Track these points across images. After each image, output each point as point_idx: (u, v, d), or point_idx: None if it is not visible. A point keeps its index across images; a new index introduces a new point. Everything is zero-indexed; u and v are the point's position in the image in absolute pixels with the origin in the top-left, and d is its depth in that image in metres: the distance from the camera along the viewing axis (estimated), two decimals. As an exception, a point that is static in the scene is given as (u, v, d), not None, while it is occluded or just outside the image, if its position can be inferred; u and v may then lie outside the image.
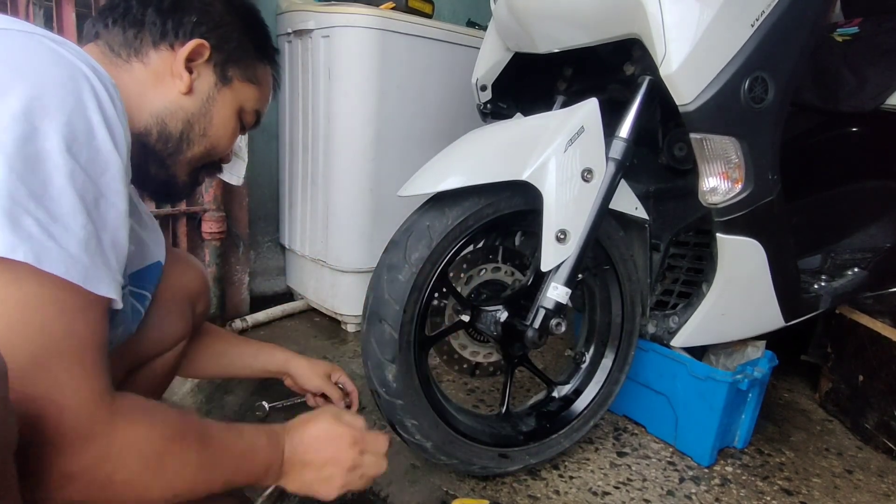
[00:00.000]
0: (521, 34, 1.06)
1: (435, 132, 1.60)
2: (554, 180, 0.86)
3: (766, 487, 1.09)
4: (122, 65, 0.64)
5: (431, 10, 1.61)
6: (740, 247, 0.98)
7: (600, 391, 1.10)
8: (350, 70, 1.46)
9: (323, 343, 1.57)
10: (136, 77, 0.64)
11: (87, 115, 0.47)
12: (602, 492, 1.03)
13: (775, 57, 0.86)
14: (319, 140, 1.56)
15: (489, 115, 1.25)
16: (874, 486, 1.12)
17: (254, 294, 1.76)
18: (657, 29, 0.80)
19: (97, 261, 0.46)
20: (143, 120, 0.65)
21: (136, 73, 0.64)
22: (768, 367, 1.17)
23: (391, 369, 0.88)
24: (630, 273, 1.07)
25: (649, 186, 1.21)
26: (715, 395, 1.09)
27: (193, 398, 1.30)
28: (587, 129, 0.88)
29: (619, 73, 1.00)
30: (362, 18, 1.42)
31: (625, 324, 1.09)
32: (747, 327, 1.13)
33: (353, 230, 1.56)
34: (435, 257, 0.88)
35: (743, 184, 0.91)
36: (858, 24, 1.28)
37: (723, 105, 0.84)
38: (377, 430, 0.73)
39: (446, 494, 0.98)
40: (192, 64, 0.65)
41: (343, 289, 1.63)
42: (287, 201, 1.76)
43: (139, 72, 0.64)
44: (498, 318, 0.94)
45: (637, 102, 0.91)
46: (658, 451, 1.17)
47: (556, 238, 0.88)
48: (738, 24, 0.83)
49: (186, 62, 0.65)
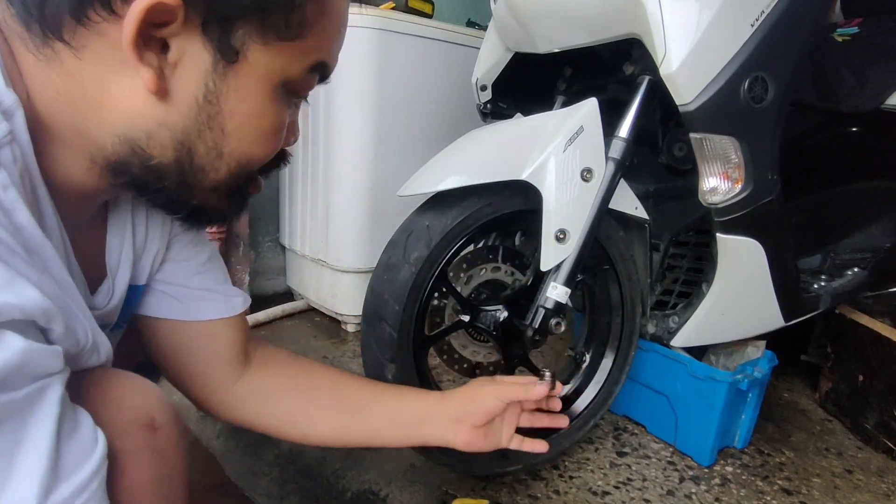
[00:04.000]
0: (521, 34, 1.06)
1: (435, 132, 1.60)
2: (553, 180, 0.86)
3: (766, 487, 1.09)
4: (52, 59, 0.38)
5: (431, 10, 1.61)
6: (740, 247, 0.98)
7: (600, 391, 1.10)
8: (350, 70, 1.46)
9: (323, 343, 1.57)
10: (73, 77, 0.39)
11: None
12: (602, 492, 1.03)
13: (775, 57, 0.86)
14: (319, 140, 1.57)
15: (489, 115, 1.25)
16: (874, 486, 1.12)
17: (254, 294, 1.76)
18: (657, 29, 0.80)
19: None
20: (108, 143, 0.41)
21: (71, 71, 0.38)
22: (768, 367, 1.17)
23: (391, 369, 0.88)
24: (630, 273, 1.07)
25: (649, 186, 1.21)
26: (715, 395, 1.09)
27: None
28: (587, 129, 0.88)
29: (618, 73, 1.00)
30: (362, 18, 1.42)
31: (625, 324, 1.09)
32: (747, 327, 1.13)
33: (353, 230, 1.56)
34: (434, 257, 0.88)
35: (743, 184, 0.91)
36: (858, 24, 1.28)
37: (722, 105, 0.84)
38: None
39: (446, 494, 0.98)
40: (159, 33, 0.37)
41: (343, 289, 1.63)
42: (287, 201, 1.76)
43: (73, 68, 0.38)
44: (498, 318, 0.94)
45: (637, 102, 0.91)
46: (658, 451, 1.17)
47: (556, 238, 0.88)
48: (737, 24, 0.83)
49: (142, 38, 0.37)
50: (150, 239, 0.59)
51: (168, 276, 0.63)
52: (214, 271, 0.66)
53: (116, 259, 0.55)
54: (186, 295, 0.63)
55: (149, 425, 0.44)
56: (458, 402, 0.76)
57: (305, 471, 1.03)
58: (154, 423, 0.45)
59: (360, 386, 0.74)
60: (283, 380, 0.70)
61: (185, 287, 0.63)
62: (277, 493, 0.98)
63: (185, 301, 0.63)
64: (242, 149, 0.45)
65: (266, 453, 1.08)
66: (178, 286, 0.63)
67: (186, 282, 0.63)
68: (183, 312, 0.63)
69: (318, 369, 0.73)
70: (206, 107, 0.41)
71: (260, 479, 1.02)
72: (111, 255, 0.55)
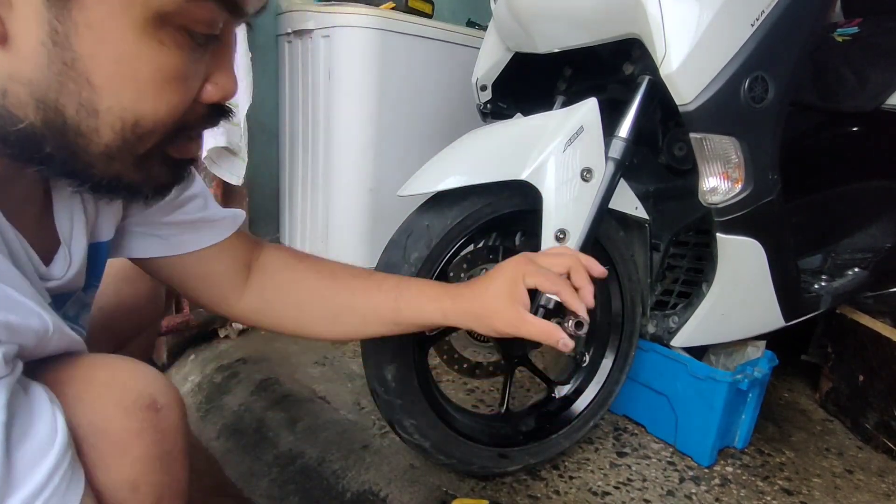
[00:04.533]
0: (521, 34, 1.06)
1: (435, 132, 1.60)
2: (553, 180, 0.86)
3: (766, 487, 1.09)
4: None
5: (431, 10, 1.61)
6: (740, 247, 0.98)
7: (600, 391, 1.10)
8: (350, 70, 1.46)
9: (323, 343, 1.57)
10: None
11: None
12: (602, 492, 1.03)
13: (775, 57, 0.86)
14: (319, 140, 1.56)
15: (489, 115, 1.25)
16: (874, 486, 1.12)
17: (254, 294, 1.76)
18: (657, 29, 0.80)
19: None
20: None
21: None
22: (768, 367, 1.17)
23: (390, 369, 0.88)
24: (630, 273, 1.07)
25: (649, 186, 1.21)
26: (715, 395, 1.09)
27: (193, 398, 1.31)
28: (586, 129, 0.88)
29: (618, 73, 1.00)
30: (362, 18, 1.42)
31: (625, 324, 1.09)
32: (747, 327, 1.13)
33: (353, 230, 1.56)
34: (434, 257, 0.88)
35: (743, 184, 0.91)
36: (858, 24, 1.28)
37: (723, 105, 0.84)
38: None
39: (446, 494, 0.98)
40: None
41: (343, 289, 1.63)
42: (287, 201, 1.76)
43: None
44: (497, 318, 0.94)
45: (637, 102, 0.91)
46: (658, 451, 1.17)
47: (556, 238, 0.88)
48: (737, 23, 0.83)
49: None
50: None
51: (145, 219, 0.62)
52: (196, 200, 0.64)
53: (68, 224, 0.52)
54: (168, 232, 0.63)
55: (151, 406, 0.46)
56: (474, 302, 0.68)
57: (305, 471, 1.03)
58: (156, 405, 0.46)
59: (354, 290, 0.70)
60: (279, 295, 0.70)
61: (165, 224, 0.62)
62: (277, 494, 0.98)
63: (168, 238, 0.63)
64: (123, 104, 0.38)
65: (266, 454, 1.08)
66: (157, 225, 0.62)
67: (166, 219, 0.62)
68: (168, 249, 0.63)
69: (311, 278, 0.71)
70: (57, 53, 0.34)
71: (260, 479, 1.02)
72: (61, 222, 0.52)
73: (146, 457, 0.44)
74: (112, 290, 0.75)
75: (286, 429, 1.14)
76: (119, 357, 0.49)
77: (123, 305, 0.76)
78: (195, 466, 1.04)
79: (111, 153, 0.39)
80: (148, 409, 0.45)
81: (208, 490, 1.03)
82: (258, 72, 1.51)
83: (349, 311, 0.69)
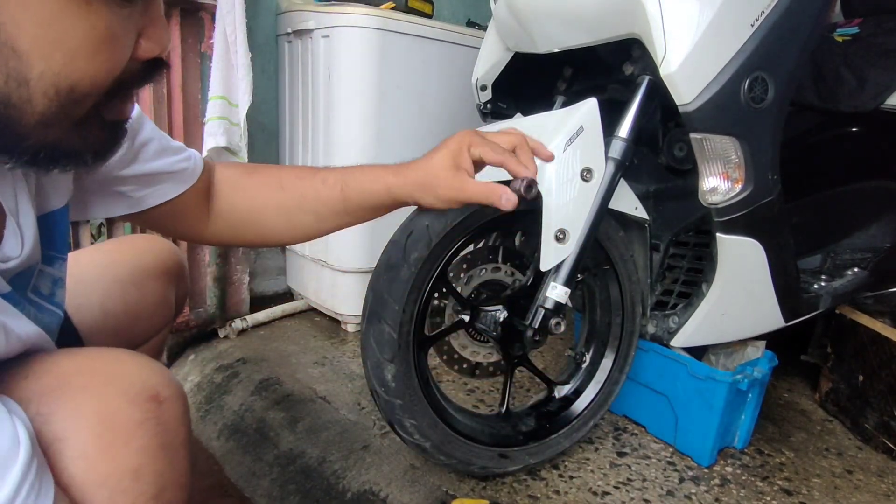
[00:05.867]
0: (521, 34, 1.06)
1: (435, 132, 1.60)
2: (553, 180, 0.86)
3: (766, 487, 1.09)
4: None
5: (431, 10, 1.61)
6: (740, 247, 0.98)
7: (600, 391, 1.10)
8: (350, 70, 1.46)
9: (323, 343, 1.57)
10: None
11: None
12: (602, 492, 1.03)
13: (775, 57, 0.87)
14: (319, 140, 1.56)
15: (489, 115, 1.25)
16: (874, 487, 1.12)
17: (254, 294, 1.76)
18: (657, 29, 0.80)
19: None
20: None
21: None
22: (768, 367, 1.17)
23: (390, 369, 0.88)
24: (630, 273, 1.07)
25: (649, 186, 1.21)
26: (715, 395, 1.09)
27: (193, 398, 1.31)
28: (586, 129, 0.88)
29: (618, 73, 1.00)
30: (362, 18, 1.42)
31: (625, 324, 1.09)
32: (747, 327, 1.13)
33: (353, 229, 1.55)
34: (434, 257, 0.88)
35: (743, 184, 0.91)
36: (858, 24, 1.28)
37: (722, 105, 0.84)
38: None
39: (446, 494, 0.98)
40: None
41: (343, 289, 1.63)
42: (287, 201, 1.76)
43: None
44: (497, 318, 0.94)
45: (637, 102, 0.92)
46: (658, 451, 1.17)
47: (556, 238, 0.88)
48: (737, 24, 0.83)
49: None
50: None
51: (103, 176, 0.61)
52: (150, 145, 0.63)
53: (12, 198, 0.49)
54: (129, 187, 0.63)
55: (154, 398, 0.47)
56: (418, 172, 0.73)
57: (305, 471, 1.03)
58: (159, 396, 0.47)
59: (302, 192, 0.73)
60: (237, 215, 0.73)
61: (124, 179, 0.62)
62: (277, 494, 0.98)
63: (131, 194, 0.63)
64: (55, 70, 0.36)
65: (266, 454, 1.08)
66: (117, 180, 0.62)
67: (124, 172, 0.61)
68: (132, 206, 0.64)
69: (262, 192, 0.73)
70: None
71: (260, 479, 1.02)
72: (5, 197, 0.49)
73: (149, 446, 0.45)
74: (119, 294, 0.75)
75: (286, 429, 1.14)
76: (123, 350, 0.51)
77: (131, 310, 0.76)
78: (195, 467, 1.04)
79: (47, 121, 0.38)
80: (151, 401, 0.46)
81: (208, 490, 1.03)
82: (258, 72, 1.51)
83: (301, 212, 0.72)
